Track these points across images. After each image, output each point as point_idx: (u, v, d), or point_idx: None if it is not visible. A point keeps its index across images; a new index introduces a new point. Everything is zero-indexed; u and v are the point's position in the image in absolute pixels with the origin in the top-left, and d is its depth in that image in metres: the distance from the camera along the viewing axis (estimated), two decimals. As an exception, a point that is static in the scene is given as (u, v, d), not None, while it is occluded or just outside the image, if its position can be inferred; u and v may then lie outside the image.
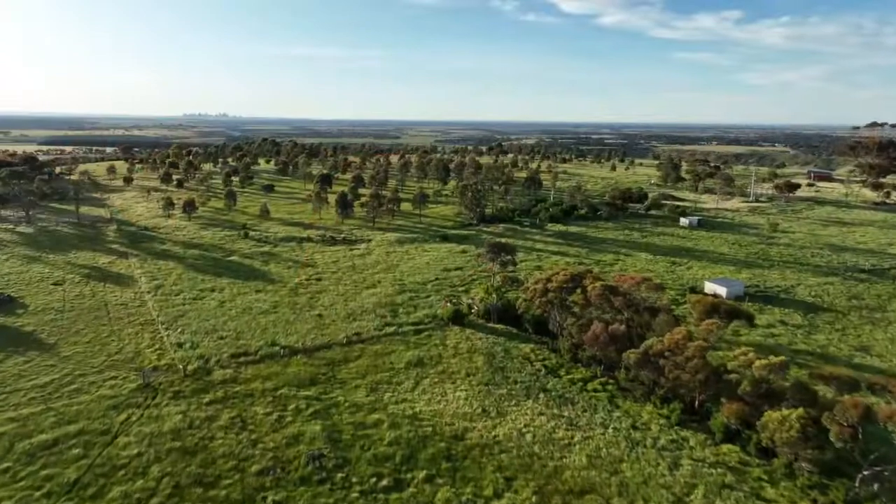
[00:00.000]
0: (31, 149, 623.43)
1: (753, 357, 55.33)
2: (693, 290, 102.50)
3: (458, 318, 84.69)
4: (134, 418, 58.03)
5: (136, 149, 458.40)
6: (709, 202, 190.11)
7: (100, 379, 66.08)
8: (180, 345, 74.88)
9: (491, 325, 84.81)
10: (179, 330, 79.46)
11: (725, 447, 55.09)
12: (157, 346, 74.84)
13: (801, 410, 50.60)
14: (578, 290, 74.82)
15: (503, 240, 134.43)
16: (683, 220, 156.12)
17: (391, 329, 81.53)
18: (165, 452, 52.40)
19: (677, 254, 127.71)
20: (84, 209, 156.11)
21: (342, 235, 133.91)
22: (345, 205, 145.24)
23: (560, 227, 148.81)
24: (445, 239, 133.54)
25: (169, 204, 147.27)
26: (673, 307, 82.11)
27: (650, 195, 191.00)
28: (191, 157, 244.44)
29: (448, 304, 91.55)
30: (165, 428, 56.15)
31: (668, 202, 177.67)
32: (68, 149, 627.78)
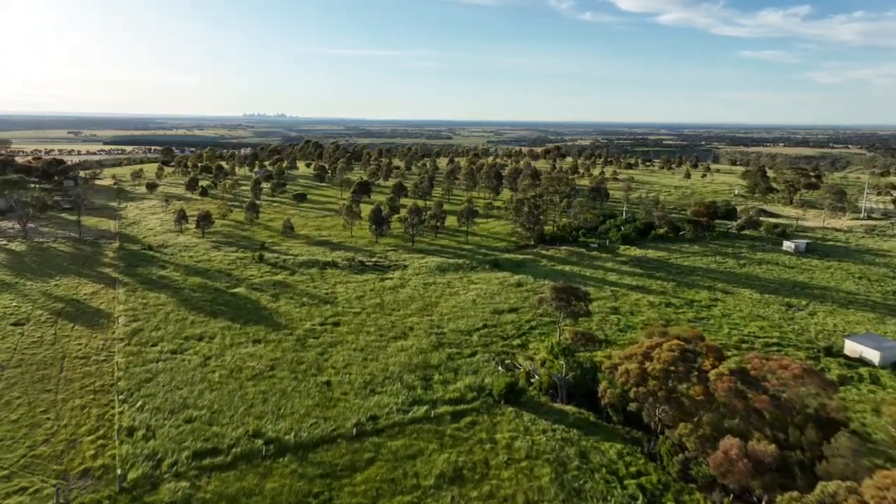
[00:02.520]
0: (94, 148, 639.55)
1: None
2: (829, 351, 76.38)
3: (512, 393, 61.87)
4: (15, 582, 37.75)
5: (192, 149, 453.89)
6: (810, 219, 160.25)
7: (1, 491, 46.42)
8: (132, 431, 54.75)
9: (558, 405, 61.67)
10: (140, 403, 59.46)
11: None
12: (102, 431, 54.96)
13: None
14: (694, 374, 50.69)
15: (567, 267, 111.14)
16: (787, 244, 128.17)
17: (421, 410, 59.33)
18: None
19: (790, 291, 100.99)
20: (93, 220, 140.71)
21: (373, 259, 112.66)
22: (379, 221, 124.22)
23: (636, 251, 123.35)
24: (497, 266, 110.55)
25: (181, 217, 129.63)
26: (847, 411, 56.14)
27: (738, 209, 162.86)
28: (224, 160, 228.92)
29: (499, 369, 68.81)
30: None
31: (763, 219, 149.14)
32: (128, 148, 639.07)
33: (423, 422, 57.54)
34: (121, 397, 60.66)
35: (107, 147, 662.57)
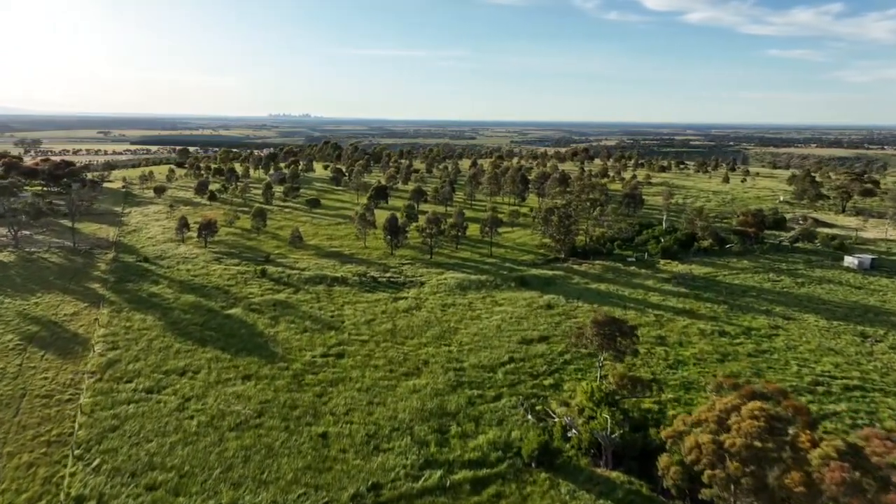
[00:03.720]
0: (121, 148, 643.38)
1: None
2: (926, 398, 63.67)
3: (546, 454, 50.79)
4: None
5: (216, 149, 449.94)
6: (869, 230, 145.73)
7: None
8: (80, 502, 44.91)
9: (602, 470, 50.32)
10: (97, 462, 49.58)
11: None
12: (44, 501, 45.19)
13: None
14: (787, 453, 39.08)
15: (603, 286, 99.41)
16: (849, 260, 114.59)
17: (434, 476, 48.56)
18: None
19: (861, 318, 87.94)
20: (93, 227, 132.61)
21: (387, 275, 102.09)
22: (394, 231, 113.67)
23: (679, 267, 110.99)
24: (523, 283, 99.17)
25: (183, 225, 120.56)
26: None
27: (787, 218, 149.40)
28: (238, 162, 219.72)
29: (529, 419, 57.73)
30: None
31: (819, 231, 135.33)
32: (153, 148, 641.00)
33: (437, 493, 46.78)
34: (77, 452, 50.86)
35: (132, 147, 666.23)
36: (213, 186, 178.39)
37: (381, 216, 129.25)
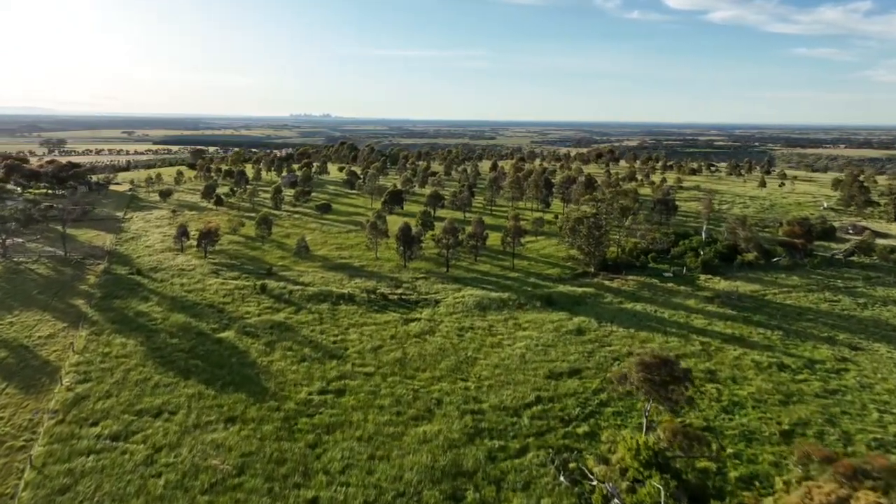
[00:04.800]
0: (143, 148, 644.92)
1: None
2: None
3: (584, 534, 41.01)
4: None
5: (236, 149, 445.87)
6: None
7: None
8: None
9: (655, 558, 40.30)
10: (37, 537, 40.91)
11: None
12: None
13: None
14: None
15: (639, 306, 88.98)
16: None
17: (445, 564, 38.96)
18: None
19: (940, 347, 76.40)
20: (91, 234, 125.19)
21: (398, 291, 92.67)
22: (408, 241, 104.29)
23: (722, 284, 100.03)
24: (550, 303, 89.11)
25: (182, 234, 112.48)
26: None
27: (836, 227, 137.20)
28: (250, 163, 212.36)
29: (561, 481, 47.87)
30: None
31: (875, 242, 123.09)
32: (174, 148, 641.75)
33: (449, 590, 37.20)
34: (16, 522, 42.28)
35: (154, 147, 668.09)
36: (222, 190, 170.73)
37: (394, 223, 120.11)
